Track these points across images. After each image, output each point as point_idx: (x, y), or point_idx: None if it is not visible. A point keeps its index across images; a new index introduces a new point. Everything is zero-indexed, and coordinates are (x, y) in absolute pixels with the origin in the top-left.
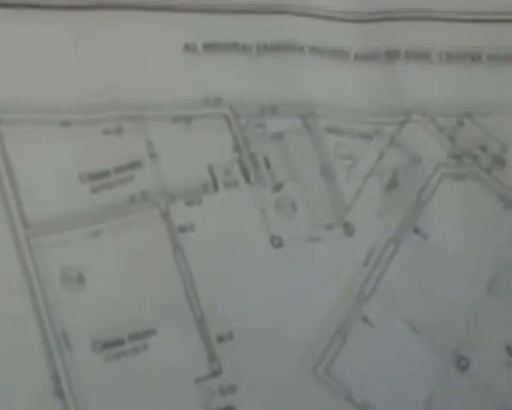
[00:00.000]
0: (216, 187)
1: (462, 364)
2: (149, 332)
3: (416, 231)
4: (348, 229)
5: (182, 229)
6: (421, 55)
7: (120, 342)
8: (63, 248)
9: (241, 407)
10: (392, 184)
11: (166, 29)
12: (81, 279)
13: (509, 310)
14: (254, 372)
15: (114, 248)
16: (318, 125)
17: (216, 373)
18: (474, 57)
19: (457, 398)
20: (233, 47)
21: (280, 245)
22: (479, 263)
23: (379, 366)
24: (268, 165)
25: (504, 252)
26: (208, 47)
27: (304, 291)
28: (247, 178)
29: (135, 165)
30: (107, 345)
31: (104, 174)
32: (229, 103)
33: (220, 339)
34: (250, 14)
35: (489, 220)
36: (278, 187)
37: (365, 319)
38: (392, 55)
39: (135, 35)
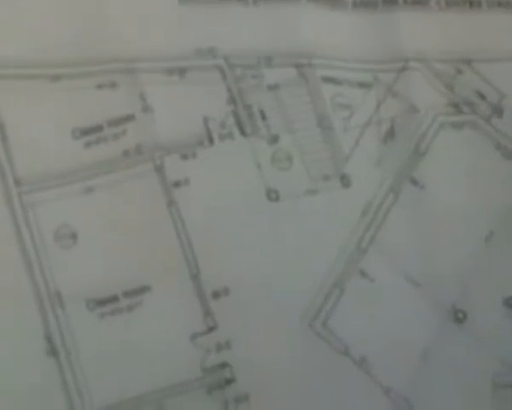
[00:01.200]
0: (211, 140)
1: (458, 317)
2: (144, 289)
3: (414, 181)
4: (345, 180)
5: (176, 184)
6: (419, 2)
7: (115, 299)
8: (56, 205)
9: (236, 362)
10: (390, 135)
11: None
12: (74, 236)
13: (507, 262)
14: (250, 328)
15: (108, 204)
16: (315, 75)
17: (211, 329)
18: (473, 3)
19: (454, 351)
20: None
21: (277, 199)
22: (477, 214)
23: (376, 319)
24: (264, 116)
25: (503, 203)
26: None
27: (301, 245)
28: (242, 131)
29: (128, 119)
30: (102, 302)
31: (97, 129)
32: (224, 54)
33: (216, 295)
34: None
35: (487, 170)
36: (274, 139)
37: (363, 273)
38: (389, 3)
39: None
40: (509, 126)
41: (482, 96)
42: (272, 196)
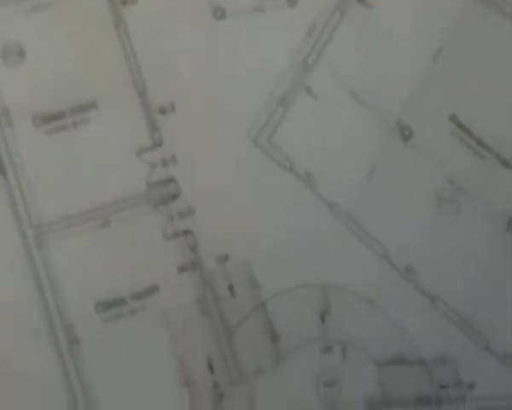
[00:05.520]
0: None
1: (404, 134)
2: (90, 105)
3: (361, 0)
4: None
5: (123, 2)
6: None
7: (62, 115)
8: (3, 22)
9: (182, 178)
10: None
11: None
12: (21, 53)
13: (453, 80)
14: (195, 144)
15: (55, 21)
16: None
17: (157, 145)
18: None
19: (400, 169)
20: None
21: (222, 17)
22: (425, 31)
23: (321, 136)
24: None
25: (451, 20)
26: None
27: (246, 62)
28: None
29: None
30: (48, 119)
31: None
32: None
33: (162, 111)
34: None
35: None
36: None
37: (308, 90)
38: None
39: None
40: None
41: None
42: (218, 13)
